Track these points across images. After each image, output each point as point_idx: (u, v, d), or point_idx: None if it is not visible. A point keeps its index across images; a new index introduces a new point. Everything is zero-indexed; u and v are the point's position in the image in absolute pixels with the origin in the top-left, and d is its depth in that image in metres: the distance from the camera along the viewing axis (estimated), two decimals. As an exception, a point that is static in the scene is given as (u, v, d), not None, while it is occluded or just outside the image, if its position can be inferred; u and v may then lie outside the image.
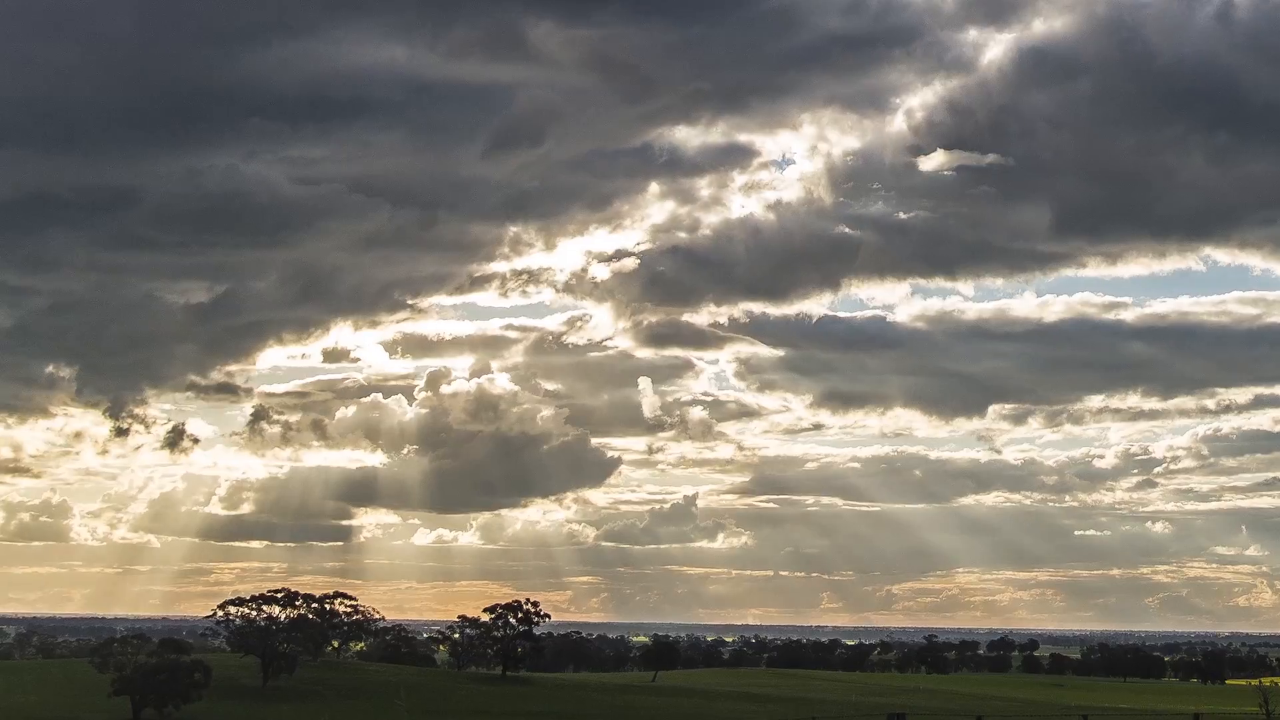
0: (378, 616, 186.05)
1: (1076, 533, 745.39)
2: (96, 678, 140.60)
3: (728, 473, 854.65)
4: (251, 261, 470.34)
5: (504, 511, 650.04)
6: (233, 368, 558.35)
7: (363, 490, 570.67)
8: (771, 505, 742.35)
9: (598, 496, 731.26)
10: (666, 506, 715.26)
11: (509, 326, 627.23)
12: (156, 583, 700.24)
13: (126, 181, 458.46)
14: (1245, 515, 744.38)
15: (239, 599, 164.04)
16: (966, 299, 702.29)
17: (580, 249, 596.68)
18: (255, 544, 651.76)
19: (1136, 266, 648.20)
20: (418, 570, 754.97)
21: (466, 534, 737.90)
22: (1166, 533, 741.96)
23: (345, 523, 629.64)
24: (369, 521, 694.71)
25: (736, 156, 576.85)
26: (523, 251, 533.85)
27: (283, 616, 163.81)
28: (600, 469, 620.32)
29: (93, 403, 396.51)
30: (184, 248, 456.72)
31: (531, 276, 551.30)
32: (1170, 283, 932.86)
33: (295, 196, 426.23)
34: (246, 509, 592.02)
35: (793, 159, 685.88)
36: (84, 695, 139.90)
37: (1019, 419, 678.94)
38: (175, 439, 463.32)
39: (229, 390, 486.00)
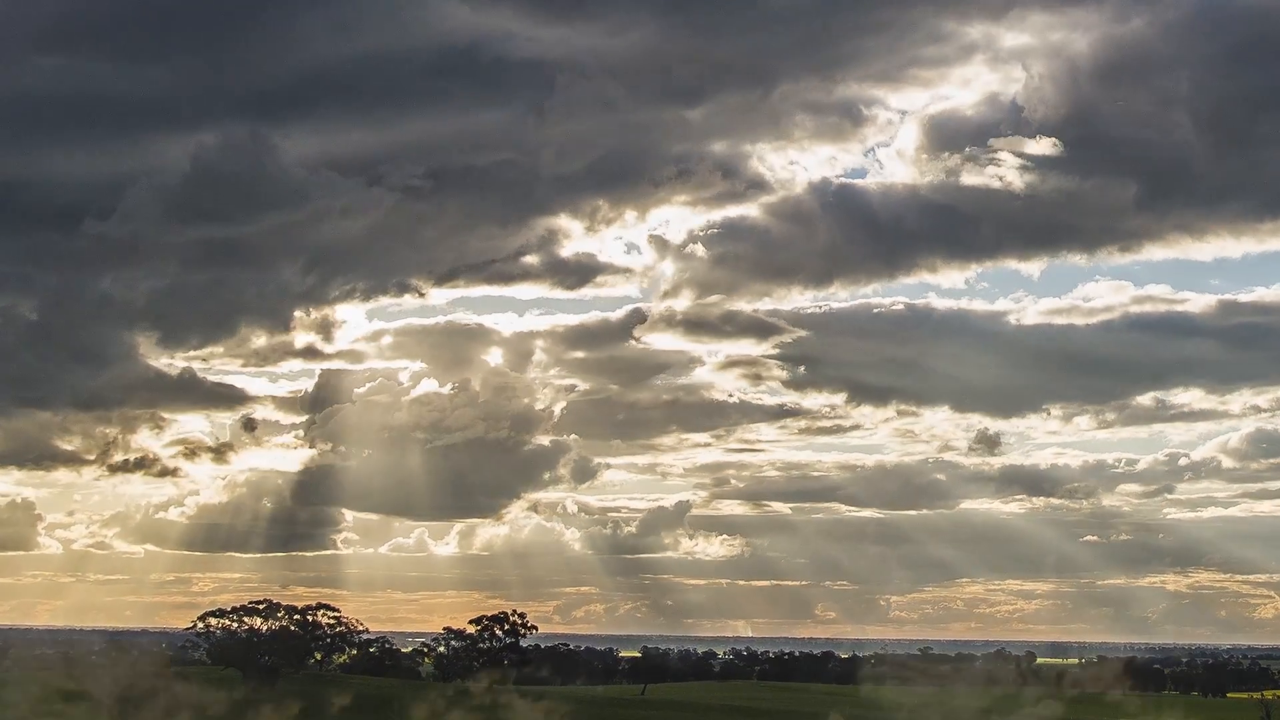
0: (361, 628, 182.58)
1: (1082, 539, 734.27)
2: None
3: (733, 477, 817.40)
4: (239, 246, 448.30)
5: (495, 517, 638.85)
6: (214, 363, 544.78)
7: (349, 495, 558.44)
8: (771, 512, 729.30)
9: (592, 502, 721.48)
10: (661, 513, 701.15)
11: (529, 317, 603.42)
12: (133, 593, 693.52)
13: (123, 166, 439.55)
14: (1263, 523, 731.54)
15: (219, 610, 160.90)
16: (1030, 289, 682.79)
17: (617, 234, 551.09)
18: (236, 554, 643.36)
19: (1221, 248, 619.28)
20: (403, 580, 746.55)
21: (454, 542, 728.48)
22: (1177, 540, 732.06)
23: (330, 529, 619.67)
24: (356, 529, 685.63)
25: (807, 126, 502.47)
26: (556, 237, 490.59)
27: (264, 628, 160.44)
28: (596, 473, 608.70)
29: (57, 402, 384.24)
30: (173, 229, 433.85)
31: (563, 263, 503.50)
32: (1259, 266, 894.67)
33: (301, 173, 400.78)
34: (228, 515, 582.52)
35: (876, 128, 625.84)
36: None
37: (1066, 418, 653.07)
38: (151, 440, 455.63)
39: (208, 388, 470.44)
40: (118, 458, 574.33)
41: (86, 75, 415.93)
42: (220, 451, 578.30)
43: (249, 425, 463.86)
